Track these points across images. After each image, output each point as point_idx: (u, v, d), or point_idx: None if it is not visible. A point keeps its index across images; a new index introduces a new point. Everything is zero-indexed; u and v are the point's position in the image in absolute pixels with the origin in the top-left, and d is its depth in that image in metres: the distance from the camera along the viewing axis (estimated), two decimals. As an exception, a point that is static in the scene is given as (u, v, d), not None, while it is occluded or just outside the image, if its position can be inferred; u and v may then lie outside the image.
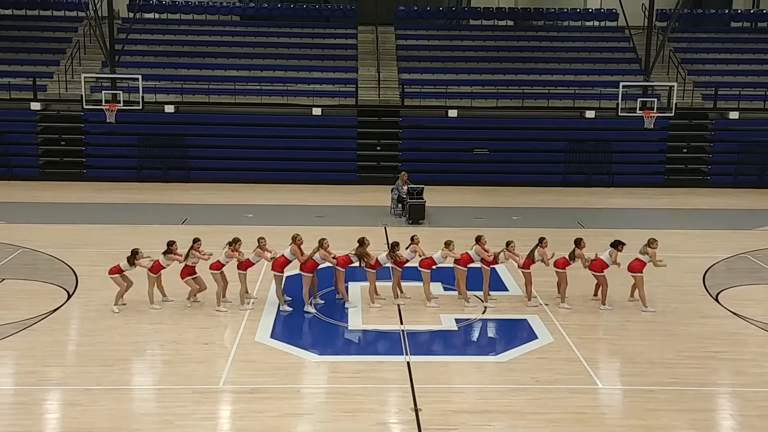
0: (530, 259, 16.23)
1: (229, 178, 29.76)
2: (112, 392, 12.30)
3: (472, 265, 16.26)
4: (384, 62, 33.41)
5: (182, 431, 11.17)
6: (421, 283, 16.37)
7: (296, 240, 15.87)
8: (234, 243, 15.72)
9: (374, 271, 16.11)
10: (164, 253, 15.79)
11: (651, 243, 16.10)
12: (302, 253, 15.77)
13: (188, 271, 15.77)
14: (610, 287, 16.28)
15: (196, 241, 15.99)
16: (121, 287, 15.78)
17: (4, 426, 11.24)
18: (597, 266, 16.07)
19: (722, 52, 34.79)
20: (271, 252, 15.95)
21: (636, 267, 16.13)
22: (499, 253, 16.25)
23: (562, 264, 16.21)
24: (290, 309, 15.83)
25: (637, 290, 16.38)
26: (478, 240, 16.28)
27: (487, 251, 16.18)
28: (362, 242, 16.00)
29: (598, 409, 12.15)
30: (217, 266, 15.71)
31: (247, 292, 16.15)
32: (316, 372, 13.37)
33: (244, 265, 15.80)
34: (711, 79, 32.79)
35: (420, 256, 16.20)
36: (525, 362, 13.69)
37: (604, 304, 16.26)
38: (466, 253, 16.25)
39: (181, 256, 15.75)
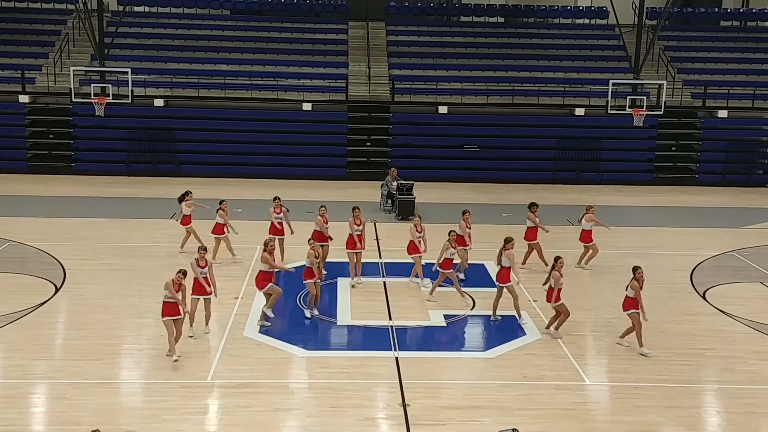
0: (551, 288, 14.99)
1: (218, 172, 29.67)
2: (100, 386, 12.28)
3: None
4: (374, 58, 33.36)
5: (169, 425, 11.16)
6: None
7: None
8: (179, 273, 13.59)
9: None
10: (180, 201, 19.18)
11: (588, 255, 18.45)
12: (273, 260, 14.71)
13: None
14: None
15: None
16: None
17: (-10, 420, 11.21)
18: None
19: (711, 50, 34.91)
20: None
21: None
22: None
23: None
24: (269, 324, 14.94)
25: (585, 257, 18.94)
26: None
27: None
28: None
29: (586, 406, 12.21)
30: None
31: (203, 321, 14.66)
32: (304, 367, 13.37)
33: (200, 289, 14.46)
34: (700, 78, 32.90)
35: None
36: (513, 358, 13.75)
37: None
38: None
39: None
